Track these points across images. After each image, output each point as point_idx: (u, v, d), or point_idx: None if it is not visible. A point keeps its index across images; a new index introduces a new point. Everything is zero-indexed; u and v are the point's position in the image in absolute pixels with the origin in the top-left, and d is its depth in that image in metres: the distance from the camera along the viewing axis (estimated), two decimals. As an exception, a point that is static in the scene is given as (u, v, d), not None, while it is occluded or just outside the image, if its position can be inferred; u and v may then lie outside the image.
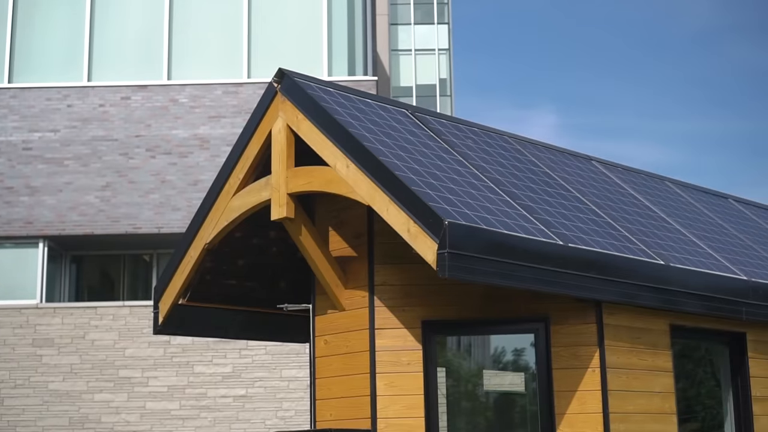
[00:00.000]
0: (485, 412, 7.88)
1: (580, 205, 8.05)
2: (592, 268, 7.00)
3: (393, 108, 8.08)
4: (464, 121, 8.78)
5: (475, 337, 7.74)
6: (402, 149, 7.16)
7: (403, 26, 53.43)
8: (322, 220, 7.81)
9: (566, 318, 7.20)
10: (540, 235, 6.85)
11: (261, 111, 7.58)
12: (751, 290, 8.31)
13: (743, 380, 8.40)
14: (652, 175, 10.41)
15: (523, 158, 8.56)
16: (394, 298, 7.31)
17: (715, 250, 8.75)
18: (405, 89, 52.00)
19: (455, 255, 6.17)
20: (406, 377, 7.19)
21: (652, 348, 7.54)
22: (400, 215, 6.48)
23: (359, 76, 21.99)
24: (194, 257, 8.07)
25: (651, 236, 8.19)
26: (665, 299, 7.59)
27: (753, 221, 10.78)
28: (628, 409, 7.19)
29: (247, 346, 19.04)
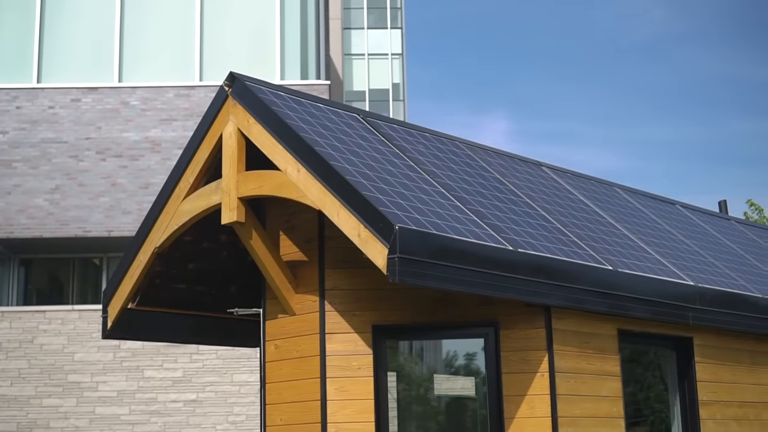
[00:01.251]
0: (436, 417, 7.90)
1: (530, 211, 8.11)
2: (542, 274, 7.06)
3: (344, 113, 8.09)
4: (416, 126, 8.81)
5: (428, 341, 7.76)
6: (353, 154, 7.17)
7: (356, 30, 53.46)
8: (272, 224, 7.80)
9: (516, 323, 7.25)
10: (490, 241, 6.89)
11: (212, 114, 7.56)
12: (698, 295, 8.42)
13: (690, 384, 8.50)
14: (601, 181, 10.51)
15: (474, 164, 8.60)
16: (345, 302, 7.32)
17: (663, 256, 8.85)
18: (358, 93, 52.02)
19: (406, 260, 6.19)
20: (356, 382, 7.19)
21: (600, 352, 7.61)
22: (350, 220, 6.49)
23: (312, 80, 21.97)
24: (144, 261, 8.02)
25: (600, 242, 8.26)
26: (613, 304, 7.67)
27: (700, 227, 10.92)
28: (576, 413, 7.25)
29: (198, 351, 18.91)
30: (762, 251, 11.42)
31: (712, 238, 10.67)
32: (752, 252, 11.04)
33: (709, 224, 11.34)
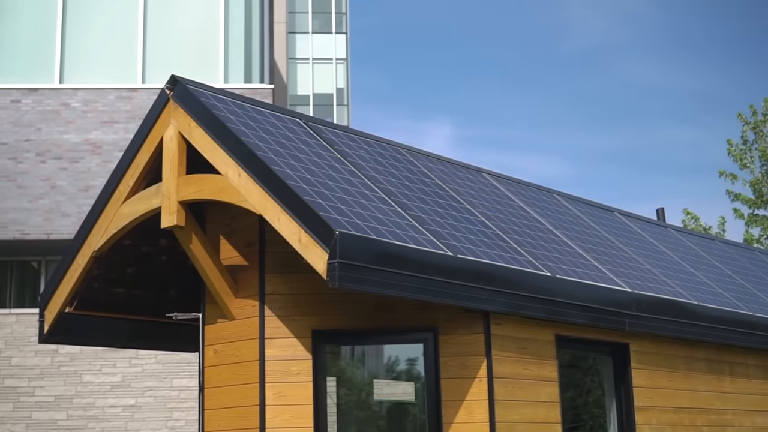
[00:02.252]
0: (377, 422, 7.91)
1: (471, 217, 8.16)
2: (481, 279, 7.11)
3: (287, 117, 8.08)
4: (358, 131, 8.83)
5: (369, 346, 7.77)
6: (295, 159, 7.17)
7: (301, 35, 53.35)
8: (213, 228, 7.76)
9: (455, 328, 7.29)
10: (430, 246, 6.92)
11: (153, 117, 7.51)
12: (635, 302, 8.53)
13: (626, 390, 8.61)
14: (540, 187, 10.61)
15: (415, 169, 8.64)
16: (285, 307, 7.31)
17: (601, 263, 8.95)
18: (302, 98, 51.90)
19: (346, 265, 6.20)
20: (295, 387, 7.18)
21: (538, 358, 7.68)
22: (291, 225, 6.49)
23: (256, 84, 21.90)
24: (82, 265, 7.94)
25: (539, 248, 8.34)
26: (552, 310, 7.74)
27: (637, 234, 11.06)
28: (513, 418, 7.30)
29: (137, 355, 18.75)
30: (698, 258, 11.60)
31: (649, 246, 10.82)
32: (688, 259, 11.21)
33: (647, 232, 11.49)
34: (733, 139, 24.36)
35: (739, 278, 11.70)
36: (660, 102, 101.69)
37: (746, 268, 12.66)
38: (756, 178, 23.76)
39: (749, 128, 24.22)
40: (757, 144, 24.07)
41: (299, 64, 52.76)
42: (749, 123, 24.23)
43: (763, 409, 10.32)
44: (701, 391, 9.44)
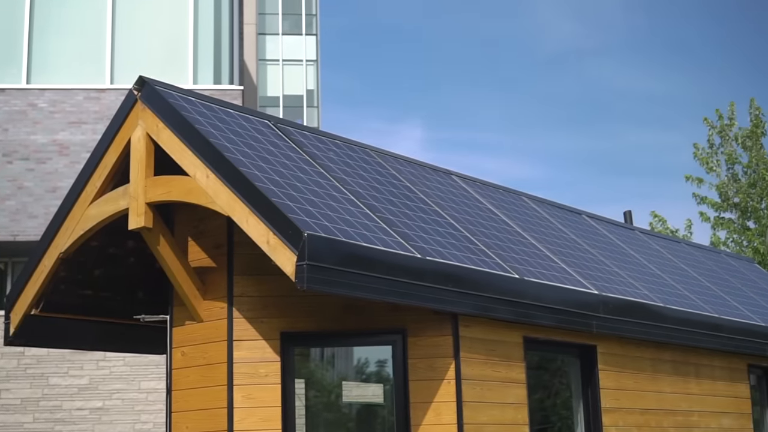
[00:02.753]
0: (346, 424, 7.91)
1: (439, 219, 8.18)
2: (449, 281, 7.13)
3: (255, 119, 8.07)
4: (327, 133, 8.83)
5: (339, 348, 7.77)
6: (263, 160, 7.16)
7: (271, 36, 53.22)
8: (181, 230, 7.74)
9: (423, 330, 7.30)
10: (398, 248, 6.94)
11: (120, 118, 7.48)
12: (602, 304, 8.58)
13: (593, 392, 8.65)
14: (509, 190, 10.65)
15: (384, 171, 8.65)
16: (253, 309, 7.29)
17: (568, 265, 9.00)
18: (272, 99, 51.80)
19: (314, 267, 6.20)
20: (263, 389, 7.17)
21: (506, 360, 7.71)
22: (259, 226, 6.48)
23: (225, 85, 21.83)
24: (48, 266, 7.89)
25: (507, 250, 8.37)
26: (520, 312, 7.77)
27: (605, 236, 11.13)
28: (481, 420, 7.33)
29: (105, 358, 18.63)
30: (664, 261, 11.68)
31: (617, 248, 10.89)
32: (655, 262, 11.29)
33: (614, 234, 11.56)
34: (699, 143, 24.56)
35: (705, 281, 11.80)
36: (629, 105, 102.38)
37: (712, 270, 12.77)
38: (722, 181, 23.96)
39: (715, 132, 24.42)
40: (722, 148, 24.27)
41: (269, 66, 52.65)
42: (715, 127, 24.44)
43: (729, 411, 10.41)
44: (667, 393, 9.51)
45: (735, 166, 24.04)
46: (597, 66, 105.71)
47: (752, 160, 23.78)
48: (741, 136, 24.15)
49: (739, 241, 23.32)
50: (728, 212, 23.97)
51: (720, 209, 23.94)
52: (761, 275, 14.90)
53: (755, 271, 15.05)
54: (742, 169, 24.00)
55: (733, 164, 24.03)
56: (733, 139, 24.28)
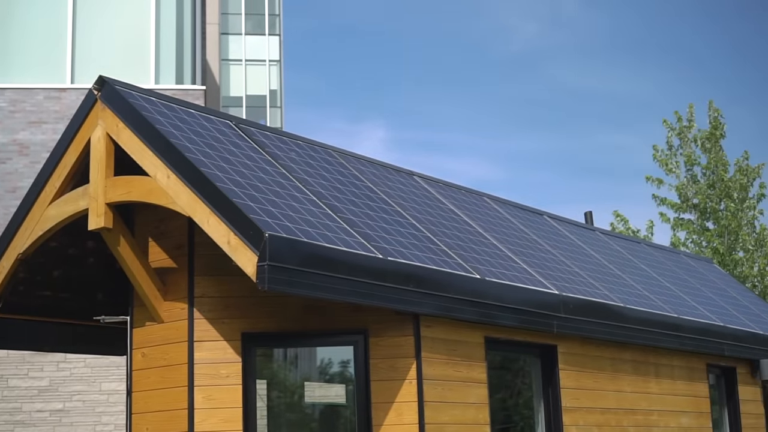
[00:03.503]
0: (309, 424, 7.91)
1: (401, 220, 8.19)
2: (411, 282, 7.14)
3: (217, 119, 8.05)
4: (289, 133, 8.82)
5: (302, 349, 7.76)
6: (224, 161, 7.14)
7: (234, 36, 53.02)
8: (141, 230, 7.70)
9: (385, 330, 7.31)
10: (360, 249, 6.94)
11: (80, 118, 7.43)
12: (562, 304, 8.63)
13: (554, 391, 8.70)
14: (471, 190, 10.69)
15: (346, 172, 8.65)
16: (214, 310, 7.27)
17: (529, 265, 9.05)
18: (235, 99, 51.61)
19: (275, 267, 6.19)
20: (224, 390, 7.14)
21: (468, 360, 7.73)
22: (220, 227, 6.46)
23: (187, 85, 21.74)
24: (6, 267, 7.83)
25: (468, 251, 8.40)
26: (481, 312, 7.80)
27: (566, 237, 11.20)
28: (443, 419, 7.35)
29: (66, 359, 18.48)
30: (625, 261, 11.77)
31: (578, 248, 10.96)
32: (615, 262, 11.38)
33: (575, 235, 11.63)
34: (658, 145, 24.76)
35: (665, 281, 11.90)
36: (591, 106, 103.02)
37: (672, 270, 12.88)
38: (681, 183, 24.17)
39: (674, 134, 24.63)
40: (682, 149, 24.48)
41: (232, 66, 52.46)
42: (674, 129, 24.65)
43: (688, 410, 10.51)
44: (627, 392, 9.58)
45: (694, 167, 24.27)
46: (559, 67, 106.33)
47: (711, 161, 24.01)
48: (700, 138, 24.37)
49: (698, 242, 23.54)
50: (688, 213, 24.19)
51: (679, 210, 24.15)
52: (720, 275, 15.06)
53: (714, 271, 15.21)
54: (701, 170, 24.22)
55: (692, 166, 24.25)
56: (692, 141, 24.50)
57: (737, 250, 23.20)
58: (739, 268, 22.67)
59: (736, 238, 23.17)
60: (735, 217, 23.09)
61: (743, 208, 23.56)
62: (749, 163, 24.09)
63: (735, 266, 22.61)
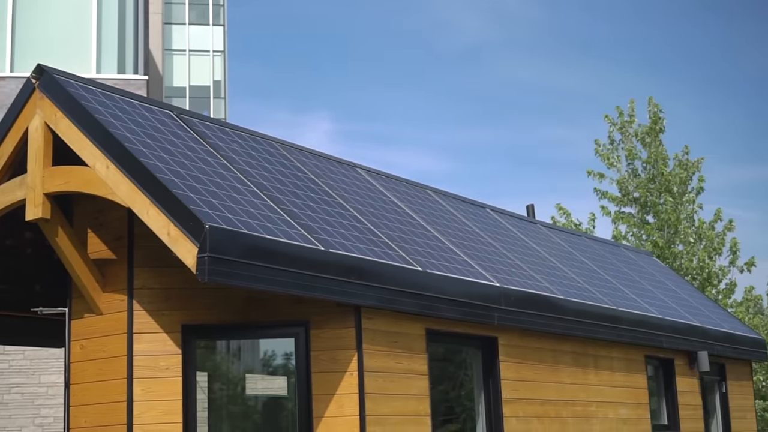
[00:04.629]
0: (251, 416, 7.89)
1: (343, 212, 8.19)
2: (352, 274, 7.14)
3: (158, 109, 7.97)
4: (231, 124, 8.77)
5: (245, 341, 7.73)
6: (165, 151, 7.08)
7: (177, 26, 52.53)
8: (80, 221, 7.61)
9: (326, 322, 7.31)
10: (302, 241, 6.93)
11: (18, 107, 7.33)
12: (503, 296, 8.69)
13: (494, 383, 8.76)
14: (414, 183, 10.71)
15: (288, 164, 8.62)
16: (154, 302, 7.21)
17: (471, 258, 9.09)
18: (178, 90, 51.14)
19: (216, 259, 6.16)
20: (164, 382, 7.10)
21: (409, 352, 7.76)
22: (160, 218, 6.41)
23: (129, 75, 21.53)
24: (-58, 258, 7.71)
25: (410, 243, 8.42)
26: (422, 304, 7.83)
27: (508, 230, 11.27)
28: (384, 411, 7.36)
29: (4, 351, 18.24)
30: (565, 254, 11.88)
31: (519, 241, 11.03)
32: (556, 255, 11.47)
33: (517, 227, 11.71)
34: (600, 139, 24.98)
35: (605, 273, 12.03)
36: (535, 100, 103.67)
37: (612, 263, 13.03)
38: (622, 176, 24.40)
39: (616, 129, 24.87)
40: (623, 144, 24.72)
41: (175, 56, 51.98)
42: (616, 124, 24.88)
43: (627, 401, 10.64)
44: (567, 384, 9.67)
45: (635, 161, 24.52)
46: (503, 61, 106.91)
47: (651, 156, 24.28)
48: (640, 133, 24.63)
49: (638, 235, 23.79)
50: (628, 207, 24.44)
51: (620, 204, 24.40)
52: (659, 268, 15.26)
53: (654, 264, 15.41)
54: (641, 164, 24.48)
55: (633, 160, 24.50)
56: (632, 136, 24.75)
57: (677, 244, 23.50)
58: (678, 261, 22.97)
59: (675, 232, 23.46)
60: (675, 211, 23.38)
61: (683, 201, 23.87)
62: (689, 158, 24.41)
63: (674, 259, 22.89)
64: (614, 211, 24.39)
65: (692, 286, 16.00)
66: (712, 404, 13.07)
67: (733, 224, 23.77)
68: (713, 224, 23.77)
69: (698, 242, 23.44)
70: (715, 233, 23.55)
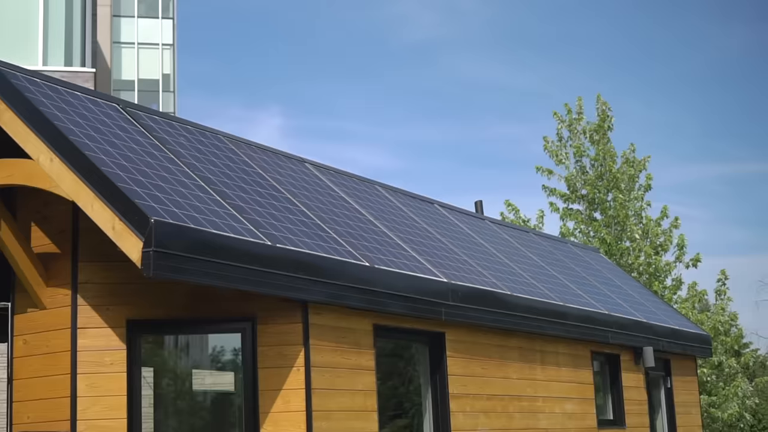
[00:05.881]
0: (198, 412, 7.84)
1: (291, 207, 8.17)
2: (300, 269, 7.13)
3: (104, 102, 7.89)
4: (178, 118, 8.71)
5: (193, 336, 7.68)
6: (110, 144, 7.01)
7: (126, 18, 52.01)
8: (24, 214, 7.52)
9: (273, 318, 7.28)
10: (249, 235, 6.90)
11: (-40, 98, 7.20)
12: (451, 292, 8.72)
13: (441, 378, 8.78)
14: (362, 179, 10.71)
15: (236, 158, 8.58)
16: (99, 296, 7.14)
17: (419, 253, 9.11)
18: (127, 83, 50.67)
19: (161, 254, 6.11)
20: (108, 378, 7.03)
21: (356, 347, 7.76)
22: (105, 212, 6.35)
23: (77, 67, 21.30)
24: None
25: (358, 238, 8.42)
26: (370, 300, 7.83)
27: (456, 226, 11.31)
28: (330, 406, 7.36)
29: (-54, 347, 17.95)
30: (513, 250, 11.94)
31: (467, 237, 11.07)
32: (504, 251, 11.53)
33: (465, 223, 11.75)
34: (549, 136, 25.16)
35: (552, 270, 12.11)
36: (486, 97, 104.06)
37: (559, 260, 13.12)
38: (570, 173, 24.60)
39: (564, 126, 25.06)
40: (571, 141, 24.92)
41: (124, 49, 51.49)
42: (564, 121, 25.08)
43: (573, 396, 10.72)
44: (514, 379, 9.73)
45: (583, 158, 24.74)
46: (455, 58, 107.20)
47: (599, 153, 24.50)
48: (589, 130, 24.84)
49: (586, 232, 23.99)
50: (576, 203, 24.65)
51: (568, 200, 24.60)
52: (606, 265, 15.40)
53: (600, 260, 15.55)
54: (589, 161, 24.70)
55: (581, 157, 24.72)
56: (581, 133, 24.96)
57: (624, 240, 23.73)
58: (625, 257, 23.19)
59: (623, 228, 23.70)
60: (623, 208, 23.61)
61: (630, 198, 24.11)
62: (636, 156, 24.66)
63: (621, 255, 23.12)
64: (562, 207, 24.58)
65: (638, 283, 16.17)
66: (658, 399, 13.21)
67: (679, 221, 24.07)
68: (660, 221, 24.05)
69: (644, 239, 23.69)
70: (661, 230, 23.83)
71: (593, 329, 11.05)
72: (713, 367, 23.18)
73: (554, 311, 10.33)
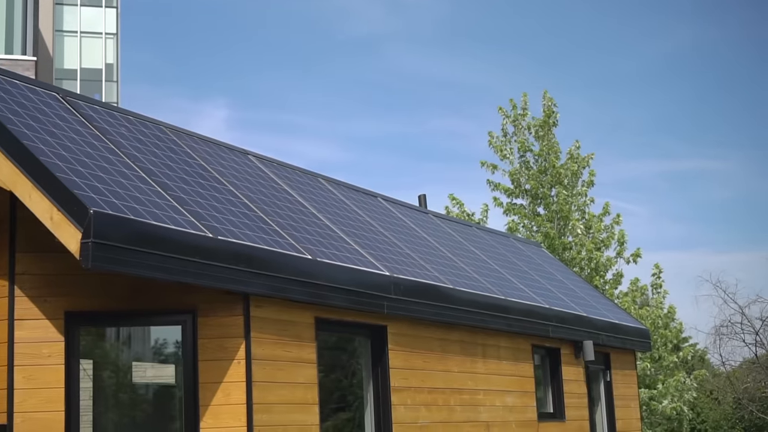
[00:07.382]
0: (139, 405, 7.78)
1: (233, 199, 8.12)
2: (241, 261, 7.09)
3: (43, 91, 7.79)
4: (119, 108, 8.62)
5: (134, 328, 7.60)
6: (49, 134, 6.92)
7: (69, 6, 51.37)
8: (-40, 204, 7.39)
9: (214, 310, 7.24)
10: (190, 227, 6.85)
11: None
12: (393, 285, 8.73)
13: (383, 371, 8.80)
14: (306, 171, 10.68)
15: (178, 149, 8.51)
16: (37, 287, 7.05)
17: (362, 246, 9.11)
18: (69, 72, 50.06)
19: (100, 245, 6.05)
20: (46, 370, 6.95)
21: (298, 340, 7.74)
22: (43, 202, 6.27)
23: (17, 55, 21.00)
24: None
25: (301, 231, 8.40)
26: (312, 293, 7.81)
27: (399, 219, 11.33)
28: (271, 399, 7.34)
29: None
30: (456, 244, 11.99)
31: (410, 231, 11.10)
32: (447, 245, 11.57)
33: (408, 217, 11.78)
34: (494, 131, 25.31)
35: (494, 264, 12.18)
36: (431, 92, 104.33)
37: (501, 254, 13.20)
38: (515, 168, 24.78)
39: (509, 121, 25.22)
40: (516, 136, 25.09)
41: (66, 37, 50.85)
42: (509, 116, 25.24)
43: (513, 389, 10.80)
44: (455, 372, 9.77)
45: (527, 154, 24.91)
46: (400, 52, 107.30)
47: (543, 148, 24.70)
48: (533, 126, 25.03)
49: (529, 227, 24.18)
50: (520, 198, 24.83)
51: (512, 195, 24.76)
52: (548, 259, 15.52)
53: (542, 255, 15.67)
54: (533, 157, 24.88)
55: (525, 152, 24.89)
56: (525, 129, 25.13)
57: (567, 235, 23.95)
58: (567, 252, 23.41)
59: (566, 224, 23.91)
60: (566, 203, 23.82)
61: (573, 194, 24.33)
62: (580, 152, 24.88)
63: (564, 250, 23.33)
64: (506, 202, 24.74)
65: (580, 277, 16.32)
66: (597, 393, 13.35)
67: (621, 218, 24.36)
68: (602, 217, 24.31)
69: (587, 234, 23.93)
70: (603, 226, 24.09)
71: (534, 323, 11.13)
72: (653, 360, 23.49)
73: (496, 305, 10.39)
